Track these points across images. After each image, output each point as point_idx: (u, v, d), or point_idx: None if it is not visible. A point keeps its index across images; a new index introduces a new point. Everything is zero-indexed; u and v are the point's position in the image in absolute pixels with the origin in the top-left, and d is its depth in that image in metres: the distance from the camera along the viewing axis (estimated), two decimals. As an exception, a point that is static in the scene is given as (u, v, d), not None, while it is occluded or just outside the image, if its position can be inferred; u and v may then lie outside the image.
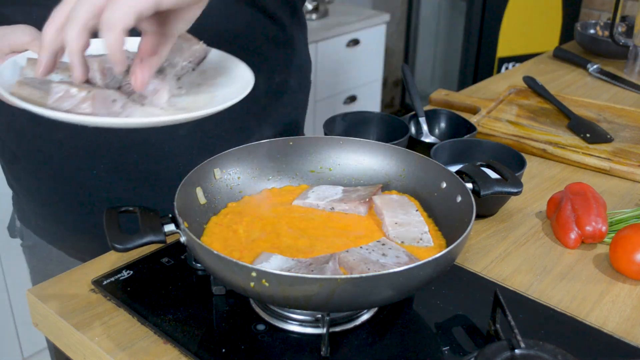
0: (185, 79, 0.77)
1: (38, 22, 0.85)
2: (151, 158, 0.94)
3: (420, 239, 0.77)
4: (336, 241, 0.77)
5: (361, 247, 0.74)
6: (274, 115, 1.03)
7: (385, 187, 0.88)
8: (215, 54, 0.80)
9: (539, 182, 1.10)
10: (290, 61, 1.04)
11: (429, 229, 0.79)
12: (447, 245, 0.77)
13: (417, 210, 0.82)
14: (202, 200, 0.81)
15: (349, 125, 1.14)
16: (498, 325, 0.71)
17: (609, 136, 1.22)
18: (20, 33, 0.74)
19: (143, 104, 0.71)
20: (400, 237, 0.77)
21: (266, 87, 0.99)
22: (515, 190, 0.80)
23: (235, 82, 0.76)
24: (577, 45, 1.85)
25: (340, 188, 0.87)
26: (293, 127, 1.10)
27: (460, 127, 1.19)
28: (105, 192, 0.95)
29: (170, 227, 0.69)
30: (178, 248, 0.85)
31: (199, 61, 0.79)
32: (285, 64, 1.03)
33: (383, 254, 0.72)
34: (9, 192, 1.07)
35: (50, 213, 1.00)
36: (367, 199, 0.83)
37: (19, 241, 1.10)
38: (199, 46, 0.79)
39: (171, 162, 0.94)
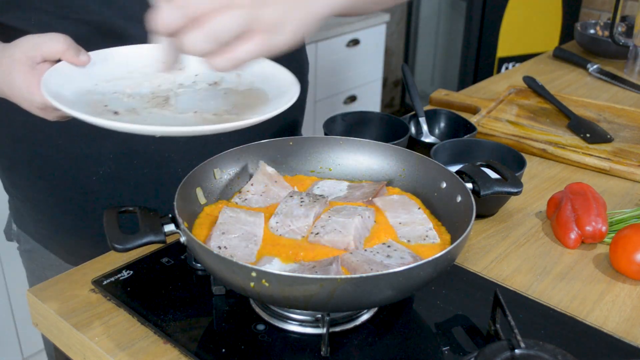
0: (224, 83, 0.77)
1: (37, 27, 0.85)
2: (151, 164, 0.93)
3: (426, 236, 0.77)
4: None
5: (365, 250, 0.73)
6: (272, 118, 1.02)
7: (388, 185, 0.88)
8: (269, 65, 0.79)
9: (539, 182, 1.10)
10: (286, 63, 1.03)
11: (433, 226, 0.79)
12: (453, 240, 0.77)
13: (419, 208, 0.82)
14: (202, 200, 0.81)
15: (349, 125, 1.14)
16: (498, 325, 0.71)
17: (609, 136, 1.22)
18: (54, 42, 0.72)
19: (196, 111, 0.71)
20: (406, 237, 0.77)
21: None
22: (515, 190, 0.80)
23: (281, 95, 0.75)
24: (577, 45, 1.85)
25: (345, 184, 0.87)
26: (292, 129, 1.09)
27: (460, 127, 1.19)
28: (106, 198, 0.95)
29: (170, 227, 0.69)
30: (178, 248, 0.85)
31: None
32: (296, 64, 1.01)
33: (388, 256, 0.72)
34: (5, 194, 1.07)
35: (49, 218, 1.00)
36: (370, 198, 0.83)
37: (16, 244, 1.10)
38: None
39: (171, 168, 0.94)
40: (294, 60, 1.06)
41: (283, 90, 0.74)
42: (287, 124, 1.07)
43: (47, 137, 0.91)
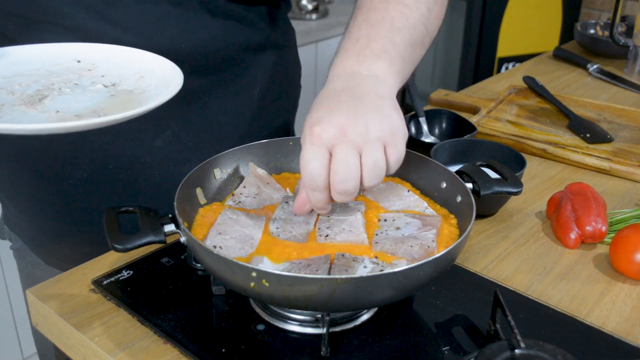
0: (122, 84, 0.76)
1: (15, 31, 0.85)
2: (127, 169, 0.92)
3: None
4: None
5: (379, 234, 0.75)
6: (256, 126, 1.01)
7: None
8: (153, 58, 0.78)
9: (539, 182, 1.10)
10: (274, 68, 1.02)
11: (428, 204, 0.81)
12: (451, 214, 0.79)
13: (409, 191, 0.83)
14: (202, 200, 0.81)
15: (349, 125, 1.13)
16: (498, 325, 0.71)
17: (609, 136, 1.22)
18: None
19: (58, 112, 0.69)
20: None
21: (247, 96, 0.98)
22: (515, 190, 0.80)
23: (165, 88, 0.73)
24: (577, 45, 1.85)
25: None
26: (283, 132, 1.08)
27: (460, 127, 1.19)
28: (83, 201, 0.94)
29: (170, 227, 0.69)
30: (178, 248, 0.85)
31: None
32: (268, 72, 1.01)
33: (397, 228, 0.75)
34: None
35: (31, 218, 1.00)
36: (361, 193, 0.83)
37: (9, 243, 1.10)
38: None
39: (148, 173, 0.93)
40: (284, 65, 1.05)
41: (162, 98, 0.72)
42: (274, 133, 1.06)
43: (23, 137, 0.91)
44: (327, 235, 0.75)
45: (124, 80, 0.76)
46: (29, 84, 0.74)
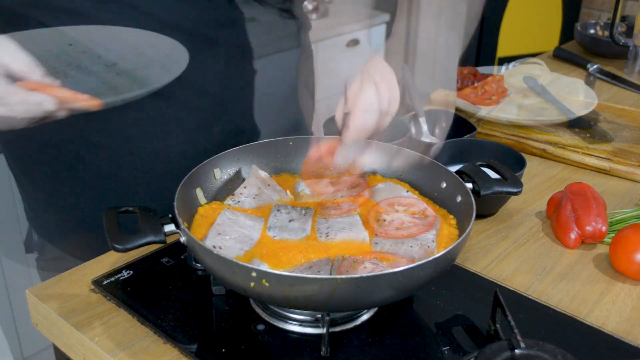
0: (123, 63, 0.77)
1: (6, 15, 0.85)
2: (114, 143, 0.93)
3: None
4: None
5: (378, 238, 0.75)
6: (231, 103, 1.01)
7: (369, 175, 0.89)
8: (147, 35, 0.80)
9: (539, 182, 1.10)
10: (248, 45, 1.02)
11: (427, 205, 0.81)
12: (450, 214, 0.79)
13: (407, 192, 0.83)
14: (202, 200, 0.81)
15: (349, 125, 1.13)
16: (498, 325, 0.71)
17: (609, 136, 1.22)
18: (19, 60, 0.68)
19: None
20: None
21: (222, 74, 0.98)
22: (515, 190, 0.80)
23: (168, 67, 0.74)
24: (577, 45, 1.85)
25: (325, 180, 0.87)
26: (247, 123, 1.08)
27: (460, 127, 1.19)
28: (70, 182, 0.95)
29: (170, 227, 0.69)
30: (178, 248, 0.85)
31: None
32: (242, 48, 1.01)
33: (397, 228, 0.76)
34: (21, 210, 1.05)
35: (69, 217, 0.99)
36: (360, 194, 0.83)
37: (19, 242, 1.09)
38: None
39: (132, 146, 0.94)
40: (242, 68, 1.05)
41: (167, 77, 0.74)
42: (248, 114, 1.06)
43: (52, 130, 0.91)
44: (327, 235, 0.75)
45: (122, 59, 0.78)
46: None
